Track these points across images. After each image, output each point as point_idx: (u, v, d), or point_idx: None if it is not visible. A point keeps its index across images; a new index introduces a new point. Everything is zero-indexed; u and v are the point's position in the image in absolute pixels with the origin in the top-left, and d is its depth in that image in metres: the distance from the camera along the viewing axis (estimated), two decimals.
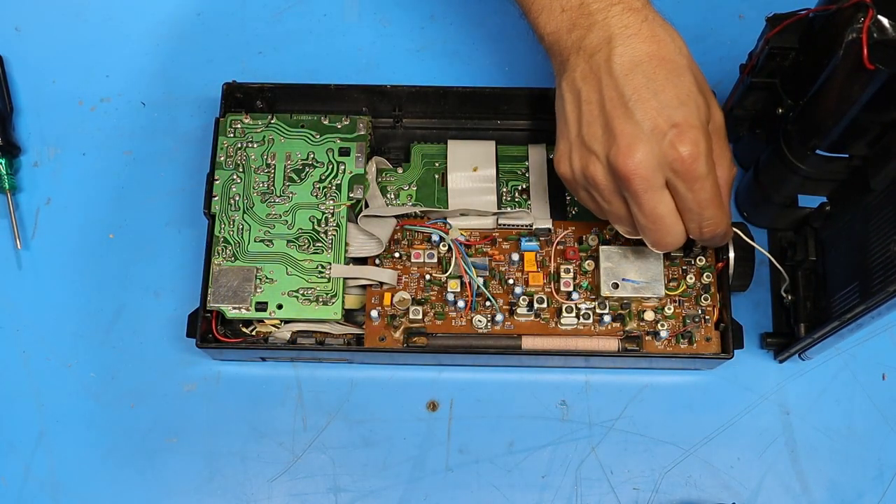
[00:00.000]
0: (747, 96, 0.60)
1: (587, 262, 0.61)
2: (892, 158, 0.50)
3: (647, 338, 0.60)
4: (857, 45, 0.47)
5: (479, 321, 0.60)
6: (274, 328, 0.61)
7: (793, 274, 0.61)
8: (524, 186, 0.64)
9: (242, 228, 0.61)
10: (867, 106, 0.50)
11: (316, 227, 0.61)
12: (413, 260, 0.61)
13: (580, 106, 0.52)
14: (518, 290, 0.60)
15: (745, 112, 0.62)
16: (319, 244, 0.61)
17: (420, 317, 0.60)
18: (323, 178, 0.62)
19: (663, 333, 0.59)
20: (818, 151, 0.55)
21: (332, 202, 0.62)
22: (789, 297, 0.62)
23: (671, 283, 0.61)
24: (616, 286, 0.60)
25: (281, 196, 0.62)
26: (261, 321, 0.60)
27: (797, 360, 0.63)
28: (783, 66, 0.56)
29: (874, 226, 0.51)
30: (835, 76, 0.50)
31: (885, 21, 0.47)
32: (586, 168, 0.53)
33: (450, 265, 0.61)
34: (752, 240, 0.59)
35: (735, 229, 0.58)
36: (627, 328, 0.60)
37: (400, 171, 0.65)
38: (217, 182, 0.62)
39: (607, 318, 0.60)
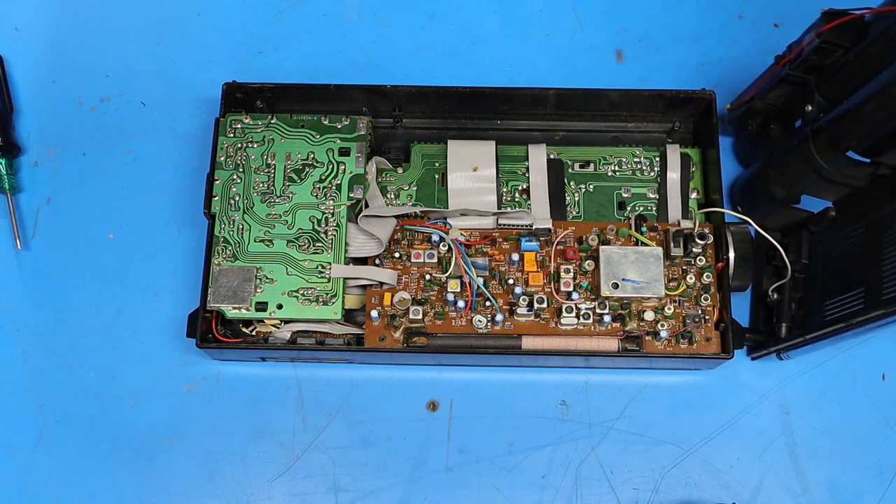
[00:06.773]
0: (774, 89, 0.59)
1: (587, 262, 0.61)
2: None
3: (647, 338, 0.60)
4: None
5: (479, 321, 0.60)
6: (274, 328, 0.61)
7: (779, 274, 0.61)
8: (524, 186, 0.64)
9: (242, 228, 0.61)
10: None
11: (316, 227, 0.61)
12: (413, 260, 0.61)
13: None
14: (518, 290, 0.60)
15: (764, 105, 0.61)
16: (319, 244, 0.61)
17: (420, 317, 0.60)
18: (323, 178, 0.62)
19: (663, 333, 0.59)
20: (849, 154, 0.54)
21: (332, 202, 0.62)
22: (775, 297, 0.61)
23: (671, 283, 0.61)
24: (616, 286, 0.60)
25: (281, 196, 0.62)
26: (261, 321, 0.60)
27: (772, 359, 0.63)
28: (824, 64, 0.55)
29: (890, 235, 0.51)
30: (892, 83, 0.49)
31: None
32: None
33: (450, 265, 0.61)
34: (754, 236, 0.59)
35: (739, 215, 0.57)
36: (627, 328, 0.60)
37: (400, 171, 0.65)
38: (217, 182, 0.62)
39: (607, 318, 0.60)
